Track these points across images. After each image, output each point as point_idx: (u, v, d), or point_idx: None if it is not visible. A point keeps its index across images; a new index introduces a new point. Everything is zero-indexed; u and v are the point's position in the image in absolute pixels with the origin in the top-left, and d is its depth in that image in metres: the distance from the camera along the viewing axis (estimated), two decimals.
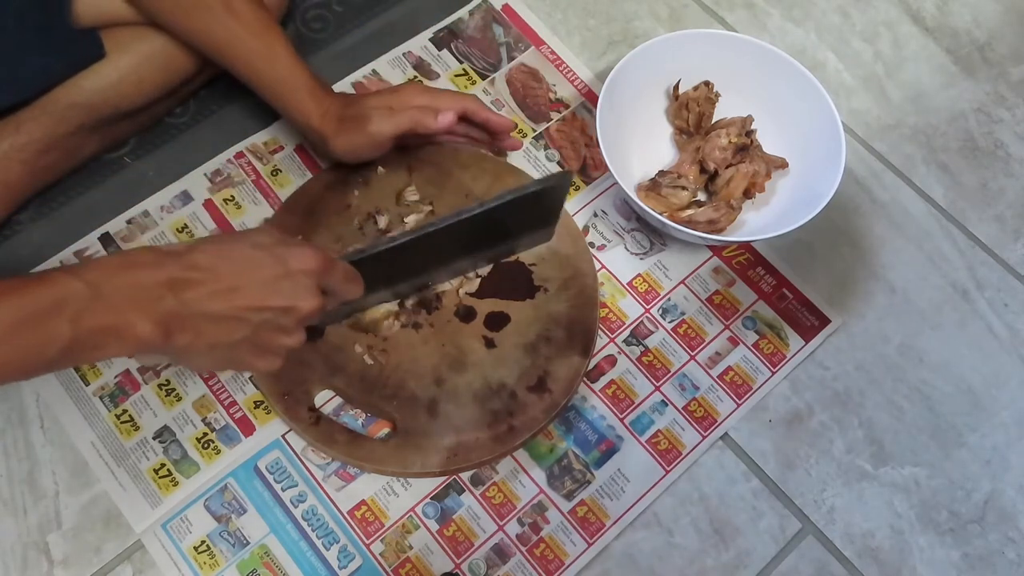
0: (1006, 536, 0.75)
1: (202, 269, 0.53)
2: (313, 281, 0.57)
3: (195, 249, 0.54)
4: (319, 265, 0.57)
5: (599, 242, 0.84)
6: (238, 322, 0.54)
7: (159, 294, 0.52)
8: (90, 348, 0.51)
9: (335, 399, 0.74)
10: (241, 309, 0.54)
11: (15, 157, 0.74)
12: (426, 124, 0.75)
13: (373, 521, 0.72)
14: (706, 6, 0.99)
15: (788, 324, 0.81)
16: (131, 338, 0.51)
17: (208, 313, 0.53)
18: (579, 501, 0.73)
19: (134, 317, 0.51)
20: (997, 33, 1.00)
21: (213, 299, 0.53)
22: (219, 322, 0.54)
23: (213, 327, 0.54)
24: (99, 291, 0.50)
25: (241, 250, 0.55)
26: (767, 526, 0.74)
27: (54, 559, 0.69)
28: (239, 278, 0.54)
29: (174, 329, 0.52)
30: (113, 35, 0.76)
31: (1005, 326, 0.84)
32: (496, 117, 0.79)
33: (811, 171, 0.82)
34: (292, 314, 0.56)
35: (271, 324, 0.56)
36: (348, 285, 0.61)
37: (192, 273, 0.53)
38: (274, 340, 0.57)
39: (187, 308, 0.52)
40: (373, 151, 0.77)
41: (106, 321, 0.50)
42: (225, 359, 0.57)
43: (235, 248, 0.55)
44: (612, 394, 0.77)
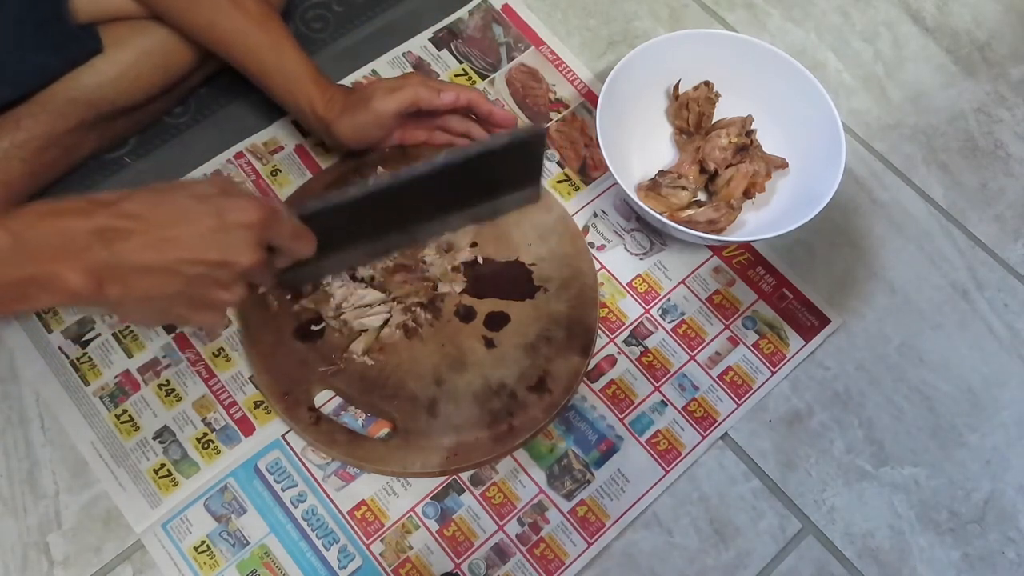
0: (1006, 536, 0.75)
1: (134, 218, 0.51)
2: (253, 235, 0.54)
3: (129, 197, 0.52)
4: (260, 218, 0.54)
5: (599, 242, 0.84)
6: (171, 274, 0.52)
7: (87, 243, 0.50)
8: (16, 298, 0.50)
9: (335, 399, 0.74)
10: (174, 261, 0.52)
11: (15, 155, 0.74)
12: (429, 99, 0.75)
13: (373, 521, 0.72)
14: (706, 6, 0.99)
15: (788, 324, 0.81)
16: (59, 289, 0.50)
17: (139, 264, 0.51)
18: (579, 501, 0.73)
19: (61, 267, 0.49)
20: (997, 33, 1.00)
21: (144, 250, 0.51)
22: (151, 274, 0.52)
23: (145, 279, 0.52)
24: (23, 240, 0.49)
25: (178, 199, 0.53)
26: (767, 526, 0.74)
27: (54, 559, 0.69)
28: (172, 229, 0.52)
29: (104, 280, 0.51)
30: (111, 30, 0.76)
31: (1005, 326, 0.84)
32: (499, 111, 0.79)
33: (811, 171, 0.82)
34: (228, 268, 0.54)
35: (206, 278, 0.53)
36: (297, 242, 0.59)
37: (123, 222, 0.51)
38: (210, 295, 0.55)
39: (117, 258, 0.50)
40: (377, 130, 0.77)
41: (31, 271, 0.49)
42: (161, 312, 0.56)
43: (172, 197, 0.53)
44: (612, 394, 0.77)
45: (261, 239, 0.55)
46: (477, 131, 0.82)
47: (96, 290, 0.50)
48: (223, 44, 0.76)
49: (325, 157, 0.85)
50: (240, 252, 0.54)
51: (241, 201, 0.54)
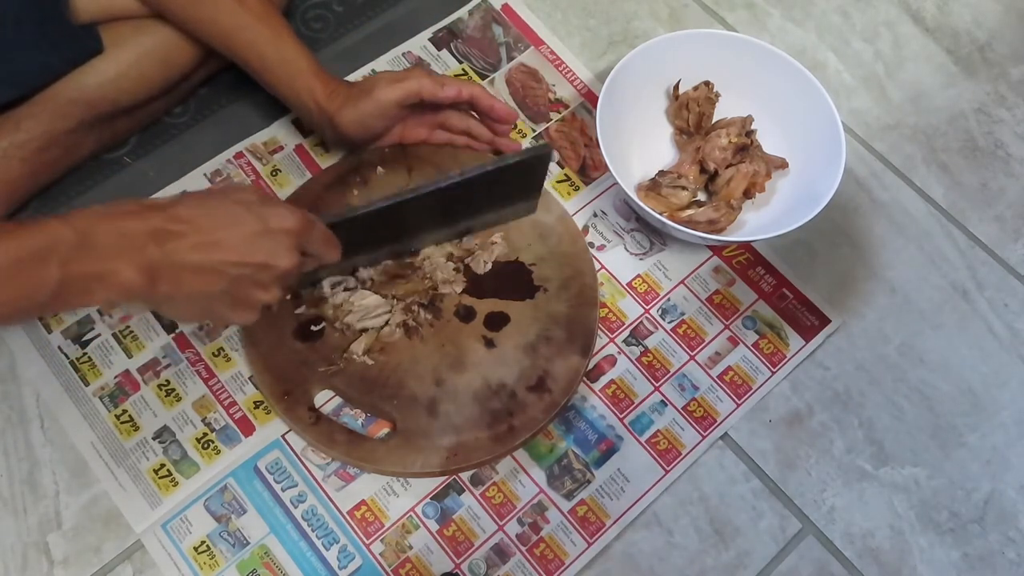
0: (1006, 536, 0.75)
1: (184, 221, 0.55)
2: (292, 240, 0.59)
3: (179, 203, 0.56)
4: (298, 225, 0.59)
5: (599, 242, 0.84)
6: (217, 274, 0.56)
7: (143, 243, 0.53)
8: (78, 293, 0.52)
9: (335, 399, 0.74)
10: (220, 262, 0.56)
11: (15, 155, 0.74)
12: (432, 90, 0.76)
13: (373, 521, 0.72)
14: (706, 6, 0.99)
15: (788, 324, 0.81)
16: (116, 284, 0.53)
17: (189, 264, 0.55)
18: (579, 501, 0.73)
19: (120, 264, 0.53)
20: (997, 33, 1.00)
21: (194, 250, 0.55)
22: (199, 273, 0.56)
23: (193, 277, 0.56)
24: (87, 238, 0.52)
25: (224, 206, 0.57)
26: (767, 526, 0.74)
27: (54, 559, 0.69)
28: (220, 232, 0.56)
29: (156, 278, 0.54)
30: (111, 30, 0.76)
31: (1005, 326, 0.84)
32: (500, 106, 0.79)
33: (811, 171, 0.82)
34: (269, 271, 0.58)
35: (248, 279, 0.58)
36: (326, 248, 0.64)
37: (175, 225, 0.55)
38: (251, 294, 0.59)
39: (169, 258, 0.54)
40: (380, 120, 0.77)
41: (94, 267, 0.52)
42: (204, 310, 0.59)
43: (218, 203, 0.57)
44: (612, 394, 0.77)
45: (299, 244, 0.60)
46: (477, 128, 0.82)
47: (149, 287, 0.54)
48: (224, 39, 0.76)
49: (325, 157, 0.85)
50: (280, 255, 0.58)
51: (281, 209, 0.59)
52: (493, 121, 0.81)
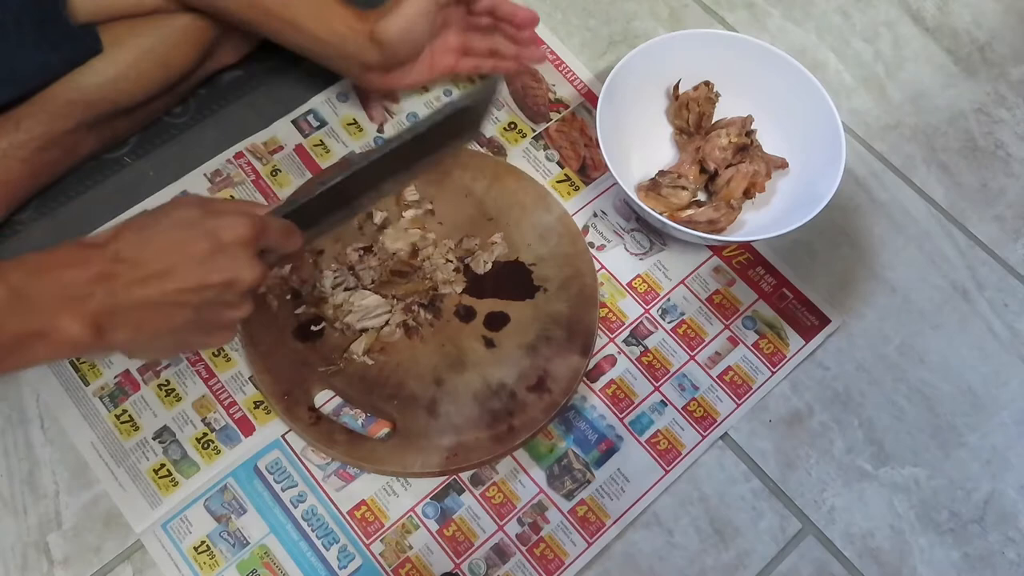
0: (1006, 536, 0.75)
1: (127, 258, 0.51)
2: (250, 249, 0.54)
3: (118, 237, 0.52)
4: (252, 231, 0.54)
5: (599, 242, 0.84)
6: (178, 306, 0.52)
7: (86, 291, 0.49)
8: (17, 353, 0.49)
9: (335, 399, 0.74)
10: (178, 292, 0.52)
11: (14, 155, 0.74)
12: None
13: (373, 521, 0.72)
14: (706, 6, 0.99)
15: (788, 324, 0.81)
16: (60, 341, 0.49)
17: (143, 302, 0.51)
18: (579, 501, 0.73)
19: (61, 319, 0.49)
20: (997, 33, 1.00)
21: (145, 287, 0.51)
22: (157, 309, 0.51)
23: (152, 316, 0.52)
24: (21, 294, 0.48)
25: (166, 230, 0.53)
26: (767, 526, 0.74)
27: (54, 559, 0.69)
28: (169, 260, 0.51)
29: (107, 326, 0.50)
30: (110, 30, 0.76)
31: (1005, 326, 0.84)
32: (523, 10, 0.78)
33: (811, 171, 0.83)
34: (234, 287, 0.54)
35: (215, 301, 0.53)
36: (287, 241, 0.59)
37: (117, 265, 0.50)
38: (221, 316, 0.55)
39: (119, 301, 0.50)
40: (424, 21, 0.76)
41: (32, 326, 0.48)
42: (174, 344, 0.56)
43: (160, 229, 0.53)
44: (612, 394, 0.77)
45: (257, 250, 0.55)
46: (502, 44, 0.82)
47: (98, 338, 0.50)
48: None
49: (325, 157, 0.85)
50: (242, 268, 0.53)
51: (228, 218, 0.54)
52: (515, 28, 0.79)
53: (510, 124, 0.89)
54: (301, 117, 0.87)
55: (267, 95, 0.88)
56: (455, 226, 0.81)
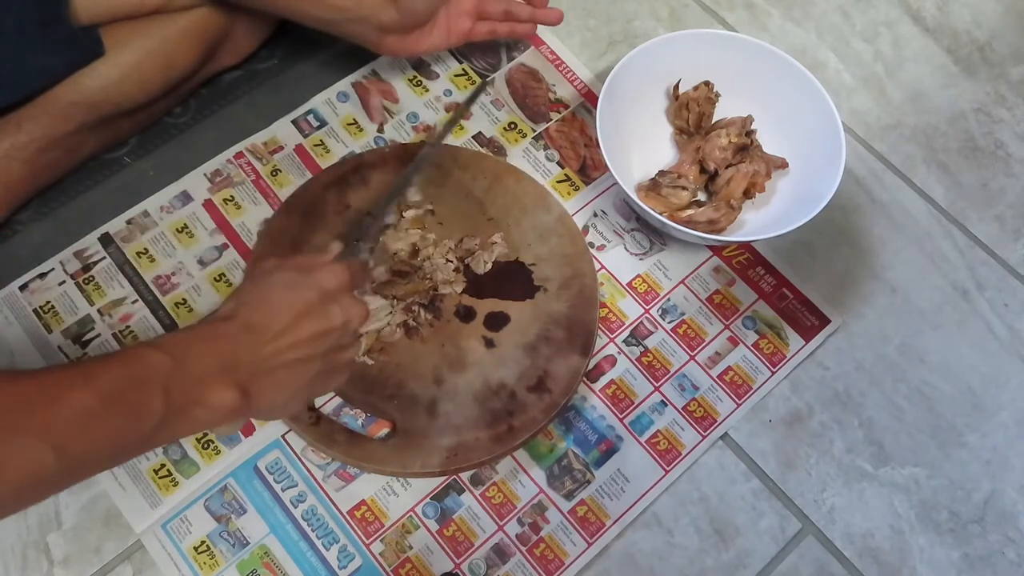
0: (1006, 536, 0.75)
1: (257, 324, 0.55)
2: (351, 292, 0.60)
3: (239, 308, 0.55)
4: (348, 276, 0.60)
5: (599, 242, 0.84)
6: (308, 358, 0.57)
7: (233, 360, 0.53)
8: (179, 420, 0.51)
9: (335, 399, 0.74)
10: (307, 343, 0.56)
11: (16, 156, 0.74)
12: None
13: (373, 521, 0.72)
14: (706, 6, 0.99)
15: (788, 324, 0.81)
16: (217, 407, 0.52)
17: (280, 361, 0.55)
18: (579, 501, 0.73)
19: (218, 387, 0.52)
20: (997, 33, 1.00)
21: (277, 344, 0.55)
22: (292, 366, 0.56)
23: (288, 372, 0.56)
24: (183, 365, 0.50)
25: (279, 293, 0.57)
26: (767, 526, 0.74)
27: (54, 559, 0.69)
28: (291, 316, 0.56)
29: (254, 391, 0.54)
30: (112, 32, 0.76)
31: (1005, 326, 0.84)
32: None
33: (811, 171, 0.82)
34: (349, 327, 0.59)
35: (334, 345, 0.58)
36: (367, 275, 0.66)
37: (251, 333, 0.54)
38: (340, 358, 0.60)
39: (261, 365, 0.54)
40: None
41: (193, 393, 0.51)
42: (307, 395, 0.60)
43: (272, 293, 0.57)
44: (612, 394, 0.77)
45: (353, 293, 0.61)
46: (516, 8, 0.82)
47: (245, 402, 0.53)
48: None
49: (325, 157, 0.85)
50: (351, 310, 0.59)
51: (328, 270, 0.59)
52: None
53: (510, 124, 0.89)
54: (301, 117, 0.87)
55: (267, 95, 0.88)
56: (455, 226, 0.81)
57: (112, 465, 0.52)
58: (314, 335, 0.56)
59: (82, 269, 0.79)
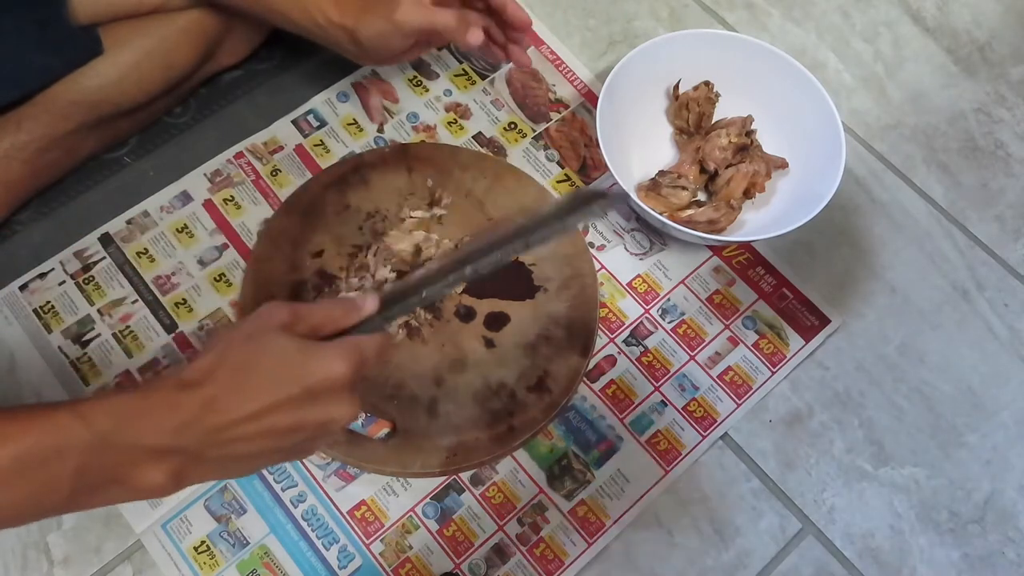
0: (1006, 536, 0.75)
1: (221, 405, 0.48)
2: (349, 389, 0.51)
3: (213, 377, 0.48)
4: (351, 371, 0.51)
5: (599, 242, 0.84)
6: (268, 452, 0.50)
7: (173, 442, 0.47)
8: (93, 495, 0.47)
9: None
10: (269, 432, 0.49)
11: (16, 156, 0.74)
12: (456, 39, 0.72)
13: (373, 521, 0.72)
14: (706, 6, 0.99)
15: (788, 324, 0.81)
16: (139, 488, 0.47)
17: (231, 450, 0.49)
18: (579, 501, 0.73)
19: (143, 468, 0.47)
20: (997, 33, 1.00)
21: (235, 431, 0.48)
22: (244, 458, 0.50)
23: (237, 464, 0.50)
24: (106, 441, 0.45)
25: (263, 371, 0.49)
26: (767, 526, 0.74)
27: (54, 559, 0.69)
28: (264, 402, 0.48)
29: (189, 473, 0.48)
30: (112, 31, 0.76)
31: (1005, 326, 0.84)
32: (514, 7, 0.75)
33: (811, 171, 0.82)
34: (328, 428, 0.51)
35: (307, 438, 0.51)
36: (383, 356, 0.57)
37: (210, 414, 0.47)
38: (310, 447, 0.53)
39: (206, 451, 0.48)
40: (401, 40, 0.73)
41: (112, 474, 0.46)
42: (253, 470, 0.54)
43: (256, 369, 0.49)
44: (612, 394, 0.77)
45: (354, 386, 0.52)
46: (494, 30, 0.79)
47: (175, 484, 0.48)
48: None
49: (325, 157, 0.85)
50: (339, 410, 0.51)
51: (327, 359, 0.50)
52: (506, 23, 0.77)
53: (510, 124, 0.89)
54: (301, 117, 0.87)
55: (267, 95, 0.88)
56: (455, 226, 0.81)
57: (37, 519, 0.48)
58: (282, 427, 0.49)
59: (82, 269, 0.79)
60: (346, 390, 0.51)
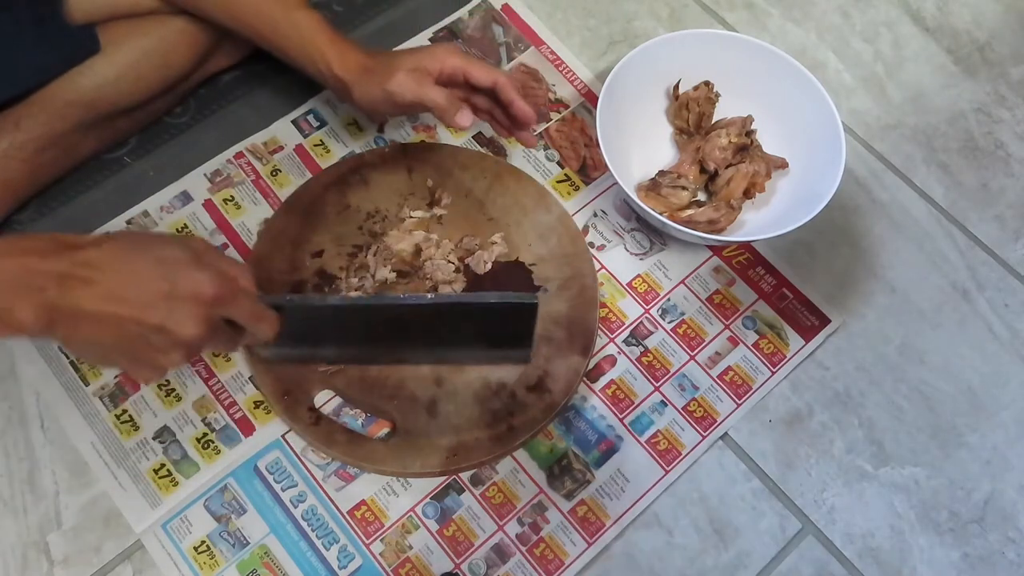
0: (1006, 536, 0.75)
1: (92, 268, 0.53)
2: (201, 310, 0.55)
3: (95, 245, 0.54)
4: (213, 295, 0.56)
5: (599, 242, 0.84)
6: (111, 328, 0.54)
7: (44, 284, 0.52)
8: None
9: (335, 399, 0.74)
10: (115, 318, 0.54)
11: (15, 155, 0.74)
12: (447, 120, 0.73)
13: (373, 521, 0.72)
14: (706, 6, 0.99)
15: (788, 324, 0.81)
16: (10, 323, 0.52)
17: (84, 313, 0.53)
18: (579, 501, 0.73)
19: (16, 303, 0.52)
20: (997, 33, 1.00)
21: (91, 301, 0.53)
22: (95, 323, 0.54)
23: (88, 327, 0.54)
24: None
25: (140, 259, 0.55)
26: (767, 526, 0.74)
27: (54, 559, 0.69)
28: (125, 287, 0.54)
29: (53, 321, 0.53)
30: (109, 30, 0.76)
31: (1005, 326, 0.84)
32: (522, 104, 0.75)
33: (811, 171, 0.82)
34: (165, 335, 0.55)
35: (144, 340, 0.55)
36: (257, 324, 0.60)
37: (81, 271, 0.53)
38: (147, 355, 0.56)
39: (67, 304, 0.53)
40: (390, 108, 0.75)
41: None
42: (102, 357, 0.59)
43: (136, 255, 0.55)
44: (612, 394, 0.77)
45: (209, 315, 0.56)
46: (499, 115, 0.78)
47: (46, 328, 0.53)
48: (232, 10, 0.74)
49: (325, 157, 0.85)
50: (181, 323, 0.55)
51: (199, 274, 0.55)
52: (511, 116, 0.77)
53: None
54: (301, 117, 0.87)
55: (267, 95, 0.88)
56: (455, 226, 0.81)
57: None
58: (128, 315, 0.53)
59: None
60: (198, 309, 0.55)
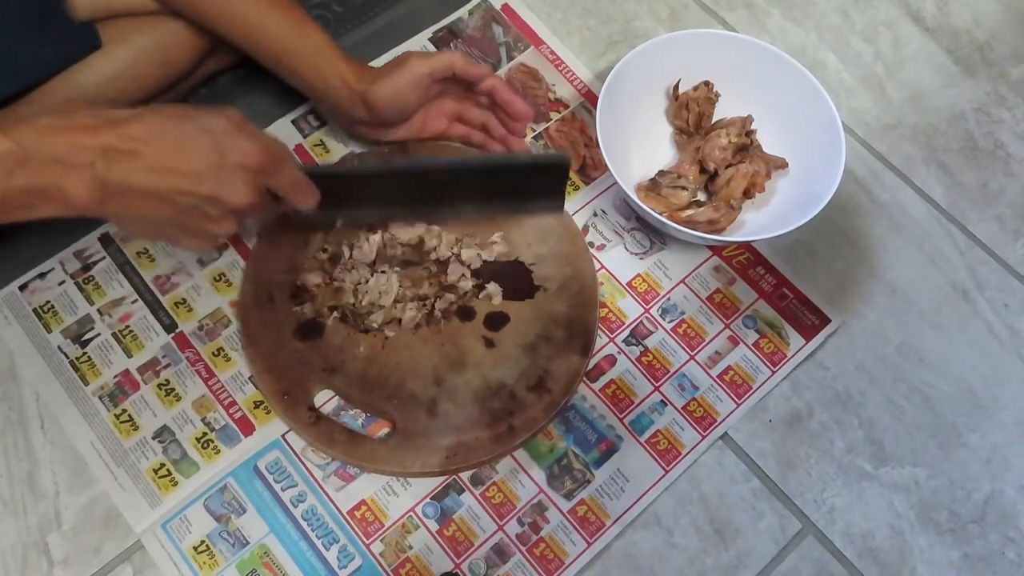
0: (1006, 536, 0.75)
1: (139, 141, 0.53)
2: (250, 177, 0.57)
3: (140, 118, 0.54)
4: (260, 163, 0.57)
5: (599, 242, 0.84)
6: (165, 201, 0.55)
7: (90, 159, 0.52)
8: (20, 207, 0.52)
9: (335, 399, 0.74)
10: (167, 189, 0.55)
11: None
12: (463, 66, 0.75)
13: (373, 521, 0.72)
14: (706, 6, 0.99)
15: (788, 323, 0.81)
16: (61, 201, 0.52)
17: (136, 187, 0.54)
18: (579, 501, 0.73)
19: (66, 181, 0.52)
20: (997, 33, 1.00)
21: (141, 175, 0.54)
22: (147, 197, 0.55)
23: (141, 201, 0.55)
24: (29, 153, 0.50)
25: (185, 131, 0.55)
26: (767, 526, 0.74)
27: (54, 559, 0.69)
28: (173, 159, 0.54)
29: (105, 196, 0.53)
30: (111, 28, 0.75)
31: (1005, 326, 0.84)
32: (519, 101, 0.78)
33: (811, 171, 0.83)
34: (218, 204, 0.57)
35: (196, 209, 0.57)
36: (297, 194, 0.62)
37: (128, 144, 0.53)
38: (200, 225, 0.58)
39: (117, 178, 0.53)
40: (415, 92, 0.76)
41: (36, 183, 0.51)
42: (154, 230, 0.60)
43: (180, 127, 0.56)
44: (612, 394, 0.77)
45: (258, 183, 0.58)
46: (493, 123, 0.81)
47: (98, 205, 0.54)
48: (241, 30, 0.75)
49: (325, 157, 0.85)
50: (232, 191, 0.57)
51: (246, 143, 0.57)
52: (509, 116, 0.79)
53: None
54: (301, 117, 0.87)
55: (267, 95, 0.88)
56: (455, 225, 0.81)
57: None
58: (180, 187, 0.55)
59: (82, 269, 0.79)
60: (250, 178, 0.57)
